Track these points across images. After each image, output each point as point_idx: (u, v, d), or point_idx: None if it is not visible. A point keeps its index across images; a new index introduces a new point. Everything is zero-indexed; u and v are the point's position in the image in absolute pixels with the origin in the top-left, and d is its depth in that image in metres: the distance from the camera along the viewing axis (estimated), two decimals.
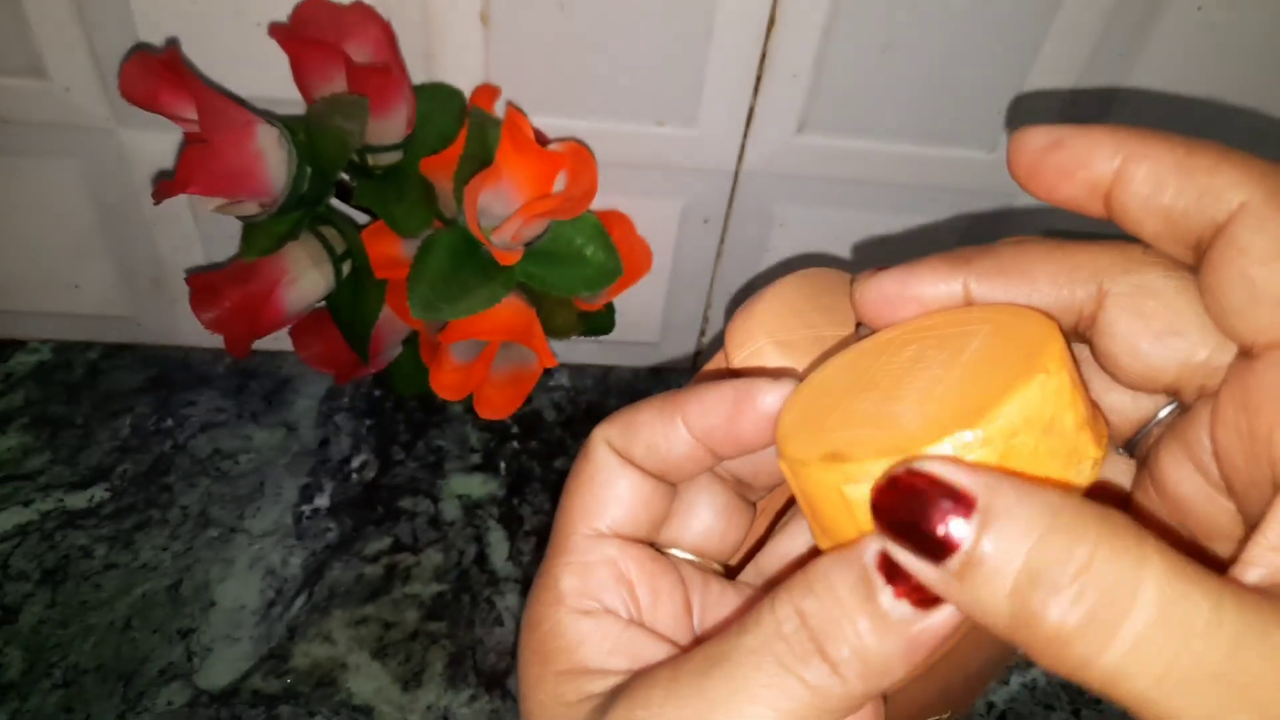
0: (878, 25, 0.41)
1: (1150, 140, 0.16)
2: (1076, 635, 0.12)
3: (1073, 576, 0.12)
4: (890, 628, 0.14)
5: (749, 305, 0.26)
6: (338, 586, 0.43)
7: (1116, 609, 0.12)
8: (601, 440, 0.20)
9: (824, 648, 0.15)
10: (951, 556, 0.13)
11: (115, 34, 0.40)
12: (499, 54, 0.42)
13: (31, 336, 0.52)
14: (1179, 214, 0.15)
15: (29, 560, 0.43)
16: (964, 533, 0.13)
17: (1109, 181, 0.16)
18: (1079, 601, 0.12)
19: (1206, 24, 0.42)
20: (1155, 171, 0.16)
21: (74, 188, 0.45)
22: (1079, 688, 0.44)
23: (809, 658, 0.15)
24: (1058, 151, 0.16)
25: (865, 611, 0.15)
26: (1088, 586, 0.12)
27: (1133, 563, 0.12)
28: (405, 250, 0.44)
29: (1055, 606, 0.12)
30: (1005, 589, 0.13)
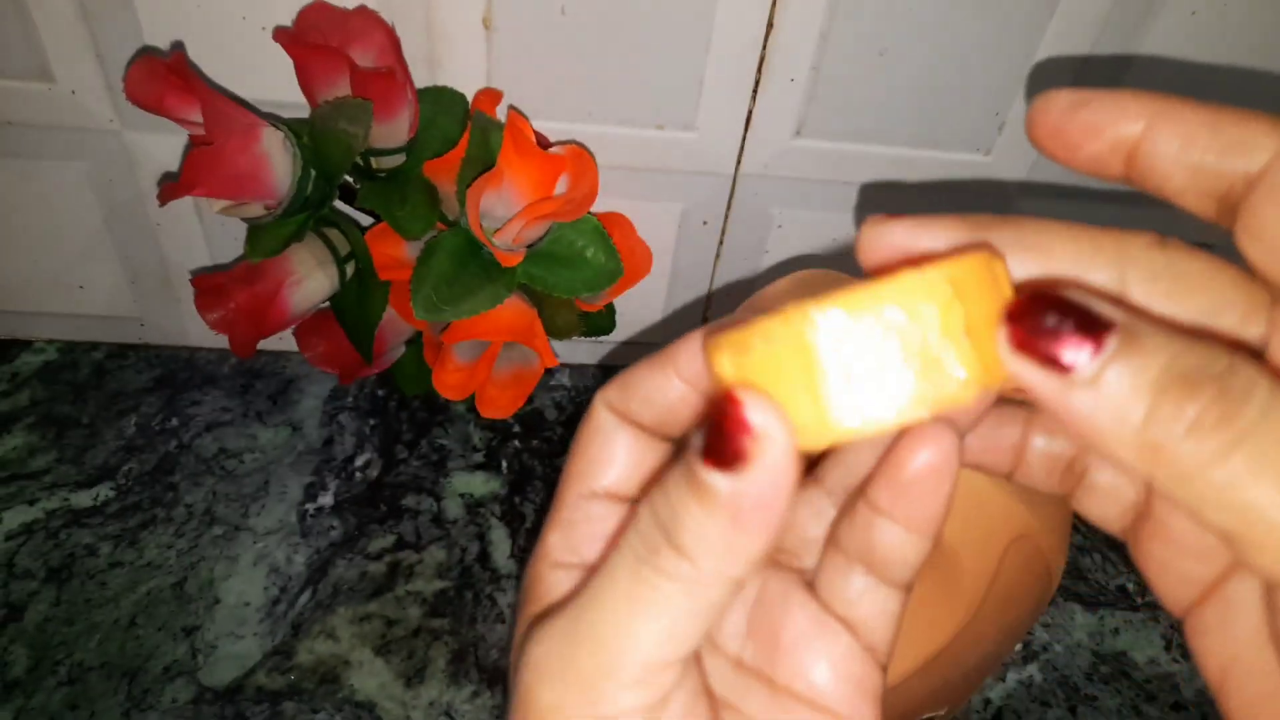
0: (875, 30, 0.42)
1: (1176, 101, 0.16)
2: (1213, 430, 0.12)
3: (1216, 376, 0.13)
4: (712, 498, 0.15)
5: (746, 305, 0.26)
6: (341, 584, 0.44)
7: (1250, 411, 0.12)
8: (601, 402, 0.20)
9: (670, 536, 0.15)
10: (1091, 361, 0.13)
11: (121, 38, 0.40)
12: (501, 58, 0.42)
13: (37, 336, 0.52)
14: (1208, 167, 0.15)
15: (35, 558, 0.43)
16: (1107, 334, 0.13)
17: (1135, 139, 0.16)
18: (1221, 397, 0.13)
19: (1201, 25, 0.42)
20: (1184, 127, 0.16)
21: (80, 190, 0.46)
22: (1074, 684, 0.44)
23: (660, 548, 0.16)
24: (1084, 110, 0.16)
25: (691, 491, 0.15)
26: (1228, 386, 0.13)
27: (1266, 378, 0.13)
28: (408, 252, 0.44)
29: (1195, 404, 0.13)
30: (1145, 387, 0.13)
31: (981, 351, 0.15)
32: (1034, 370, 0.14)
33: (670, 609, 0.16)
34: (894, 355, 0.14)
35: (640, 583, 0.16)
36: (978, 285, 0.15)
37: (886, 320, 0.14)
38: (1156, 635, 0.46)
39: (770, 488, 0.14)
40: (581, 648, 0.16)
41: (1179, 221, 0.18)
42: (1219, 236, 0.16)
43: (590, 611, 0.16)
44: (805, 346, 0.14)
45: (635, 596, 0.16)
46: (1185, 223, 0.19)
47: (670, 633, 0.16)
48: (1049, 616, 0.47)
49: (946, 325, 0.14)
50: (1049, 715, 0.43)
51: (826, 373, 0.14)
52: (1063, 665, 0.45)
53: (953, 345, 0.14)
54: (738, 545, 0.15)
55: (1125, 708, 0.44)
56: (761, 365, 0.15)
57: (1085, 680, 0.44)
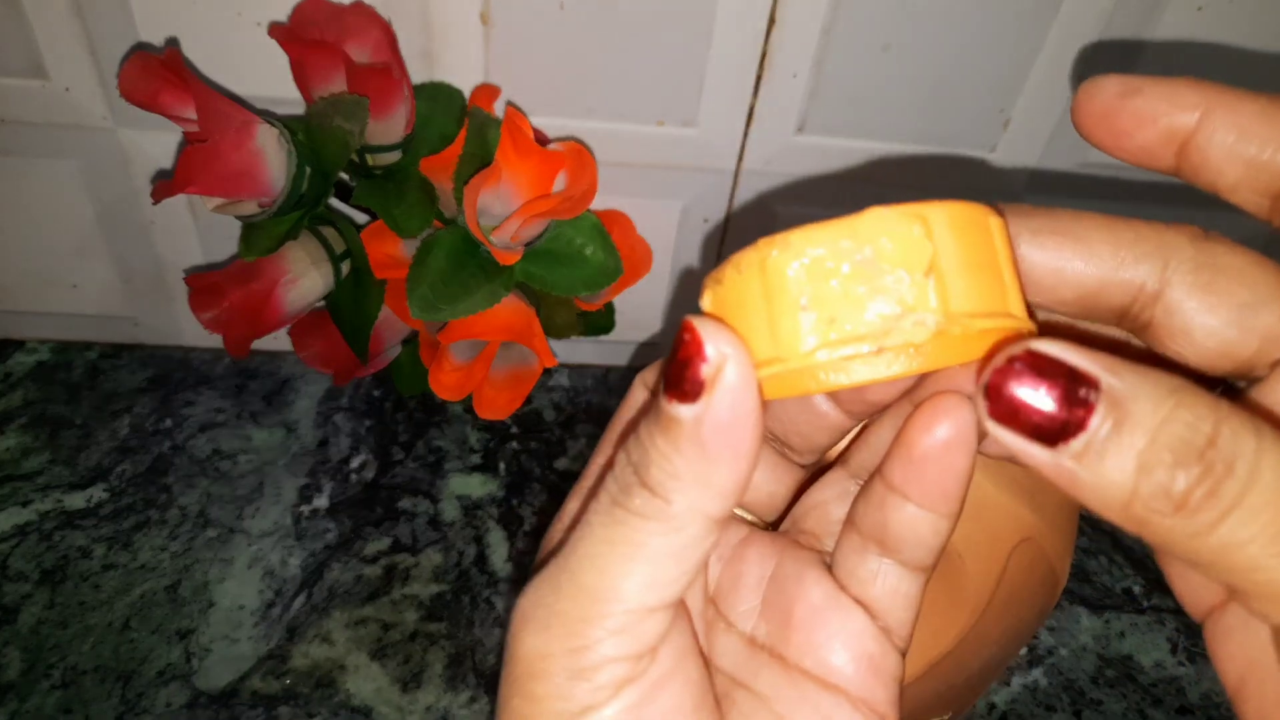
0: (878, 25, 0.41)
1: (1232, 92, 0.16)
2: (1204, 503, 0.13)
3: (1201, 449, 0.13)
4: (676, 430, 0.15)
5: None
6: (337, 587, 0.43)
7: (1241, 474, 0.12)
8: (640, 382, 0.19)
9: (641, 475, 0.15)
10: (1074, 439, 0.13)
11: (115, 34, 0.40)
12: (499, 54, 0.42)
13: (31, 336, 0.52)
14: (1265, 162, 0.15)
15: (28, 561, 0.43)
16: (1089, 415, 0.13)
17: (1189, 130, 0.16)
18: (1206, 475, 0.12)
19: (1207, 22, 0.42)
20: (1240, 120, 0.15)
21: (74, 188, 0.45)
22: (1080, 688, 0.44)
23: (632, 488, 0.16)
24: (1136, 98, 0.16)
25: (657, 426, 0.15)
26: (1216, 458, 0.13)
27: (1253, 436, 0.13)
28: (405, 250, 0.44)
29: (1184, 478, 0.13)
30: (1131, 465, 0.13)
31: (946, 296, 0.14)
32: (1016, 439, 0.14)
33: (648, 551, 0.15)
34: (853, 289, 0.14)
35: (616, 525, 0.16)
36: (957, 231, 0.14)
37: (846, 252, 0.14)
38: (1163, 638, 0.46)
39: (731, 413, 0.14)
40: (563, 594, 0.16)
41: (1190, 221, 0.18)
42: None
43: (572, 559, 0.16)
44: (769, 276, 0.14)
45: (613, 540, 0.16)
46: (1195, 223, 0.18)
47: (651, 577, 0.16)
48: (1054, 620, 0.46)
49: (908, 263, 0.14)
50: (1054, 719, 0.43)
51: (787, 302, 0.14)
52: (1068, 669, 0.44)
53: (913, 286, 0.14)
54: (708, 478, 0.15)
55: (1131, 711, 0.43)
56: (732, 297, 0.15)
57: (1091, 684, 0.44)
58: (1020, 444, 0.14)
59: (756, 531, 0.20)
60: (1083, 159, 0.47)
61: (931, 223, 0.14)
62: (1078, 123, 0.17)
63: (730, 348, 0.14)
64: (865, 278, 0.14)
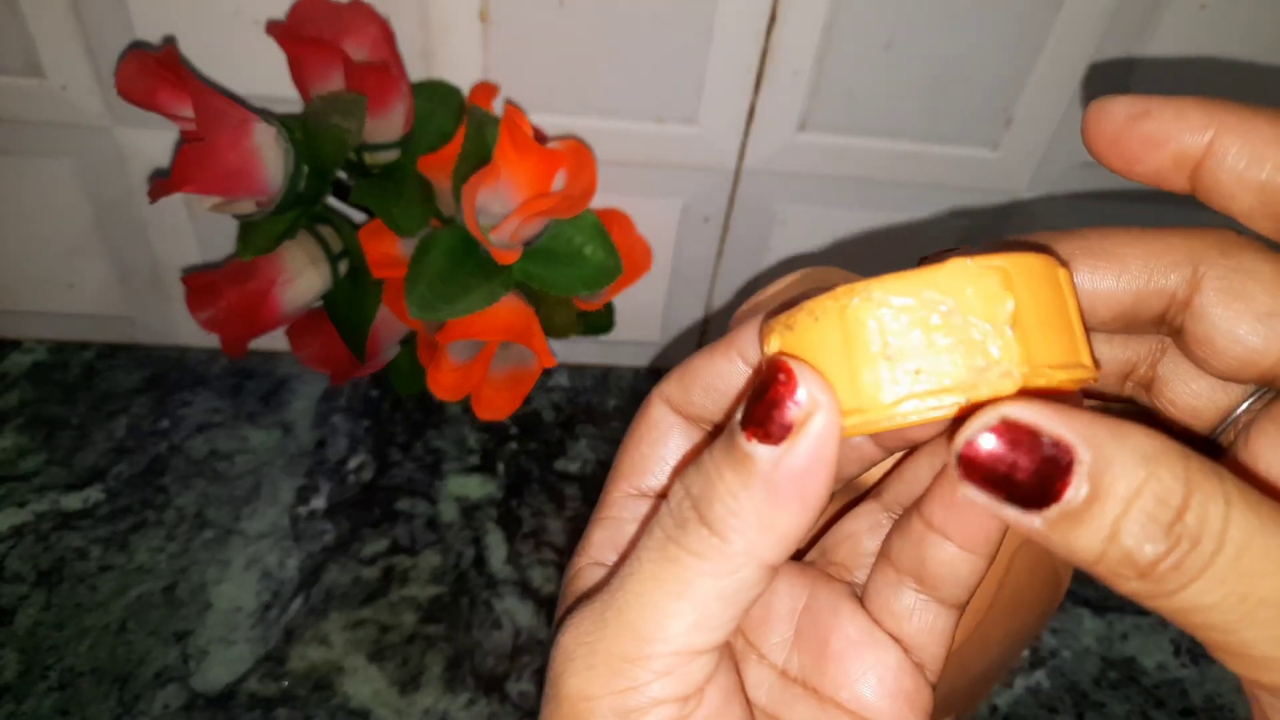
0: (879, 23, 0.41)
1: (1243, 112, 0.15)
2: (1168, 573, 0.13)
3: (1168, 524, 0.13)
4: (750, 469, 0.14)
5: (752, 302, 0.26)
6: (335, 589, 0.43)
7: (1206, 548, 0.13)
8: (658, 398, 0.19)
9: (701, 511, 0.15)
10: (1049, 508, 0.13)
11: (112, 32, 0.40)
12: (498, 51, 0.42)
13: (27, 336, 0.52)
14: (1276, 189, 0.15)
15: (24, 562, 0.42)
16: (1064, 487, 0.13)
17: (1199, 154, 0.16)
18: (1175, 546, 0.13)
19: (1210, 20, 0.42)
20: (1251, 145, 0.15)
21: (70, 186, 0.45)
22: (1083, 690, 0.43)
23: (689, 524, 0.15)
24: (1145, 121, 0.16)
25: (729, 462, 0.15)
26: (1183, 532, 0.13)
27: (1220, 505, 0.13)
28: (403, 249, 0.43)
29: (1151, 549, 0.13)
30: (1103, 534, 0.13)
31: (1029, 348, 0.14)
32: (989, 501, 0.14)
33: (698, 591, 0.15)
34: (937, 340, 0.14)
35: (668, 563, 0.15)
36: (1032, 282, 0.15)
37: (930, 304, 0.14)
38: (1166, 640, 0.46)
39: (812, 462, 0.14)
40: (609, 633, 0.16)
41: (1203, 223, 0.18)
42: None
43: (619, 596, 0.16)
44: (849, 325, 0.14)
45: (662, 577, 0.15)
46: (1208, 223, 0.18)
47: (699, 619, 0.15)
48: (1057, 621, 0.46)
49: (991, 316, 0.14)
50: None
51: (869, 352, 0.14)
52: (1071, 671, 0.44)
53: (998, 338, 0.14)
54: (771, 522, 0.15)
55: (1134, 714, 0.43)
56: (807, 343, 0.15)
57: (1094, 686, 0.44)
58: (991, 505, 0.14)
59: (786, 562, 0.19)
60: (1085, 156, 0.47)
61: (1010, 275, 0.14)
62: (1088, 145, 0.17)
63: (824, 395, 0.14)
64: (950, 330, 0.14)
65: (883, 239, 0.50)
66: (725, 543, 0.15)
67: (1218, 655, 0.14)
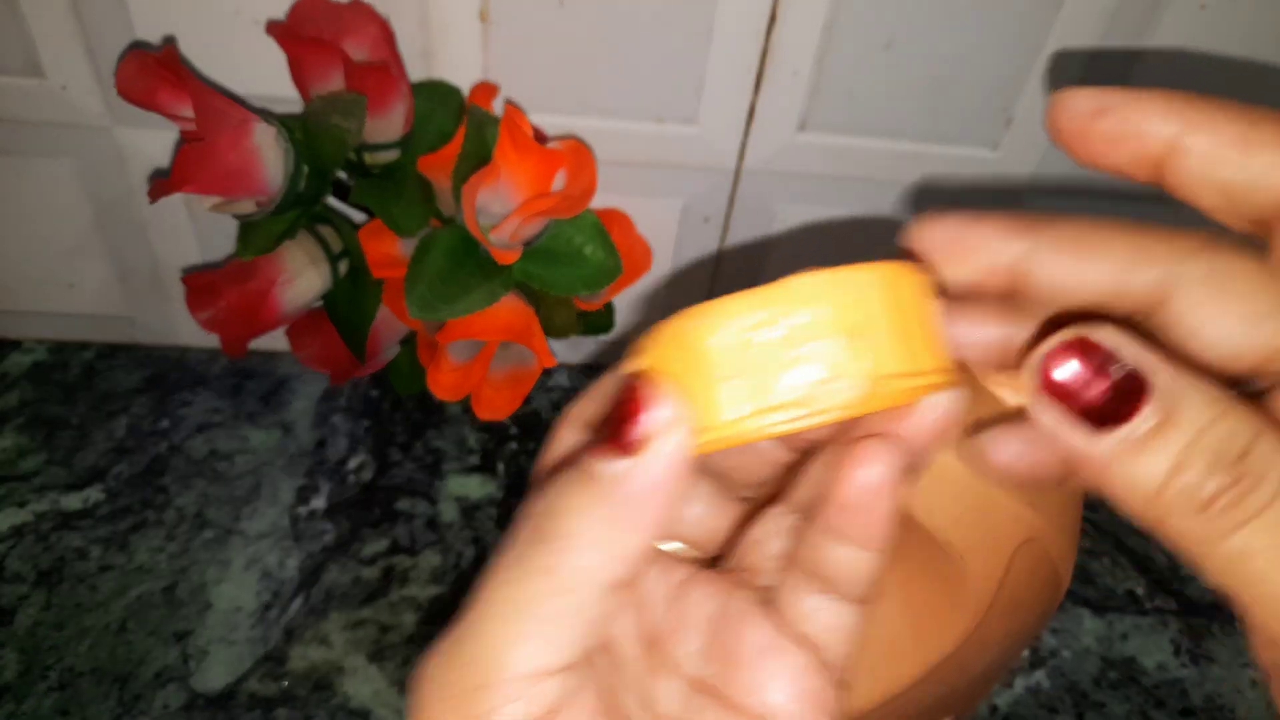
0: (879, 23, 0.41)
1: (1206, 109, 0.15)
2: (1226, 510, 0.13)
3: (1233, 460, 0.13)
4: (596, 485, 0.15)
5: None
6: (335, 589, 0.43)
7: (1267, 490, 0.13)
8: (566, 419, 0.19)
9: (543, 530, 0.16)
10: (1119, 429, 0.13)
11: (112, 32, 0.40)
12: (498, 51, 0.42)
13: (27, 336, 0.52)
14: (1240, 188, 0.15)
15: (24, 562, 0.42)
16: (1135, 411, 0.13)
17: (1162, 152, 0.15)
18: (1235, 483, 0.13)
19: (1210, 20, 0.42)
20: (1214, 145, 0.15)
21: (70, 186, 0.45)
22: (1083, 690, 0.43)
23: (535, 543, 0.16)
24: (1105, 118, 0.16)
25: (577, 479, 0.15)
26: (1244, 472, 0.13)
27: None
28: (403, 249, 0.43)
29: (1213, 483, 0.13)
30: (1168, 463, 0.13)
31: (872, 359, 0.15)
32: (1059, 419, 0.14)
33: (542, 613, 0.15)
34: (779, 356, 0.14)
35: (512, 584, 0.16)
36: (876, 294, 0.15)
37: (772, 321, 0.14)
38: (1166, 640, 0.46)
39: (659, 477, 0.14)
40: (460, 660, 0.16)
41: (1199, 221, 0.17)
42: None
43: (469, 621, 0.16)
44: (695, 346, 0.15)
45: (507, 599, 0.16)
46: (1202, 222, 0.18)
47: (545, 640, 0.15)
48: (1057, 621, 0.46)
49: (833, 330, 0.14)
50: None
51: (714, 372, 0.14)
52: (1071, 671, 0.44)
53: (839, 351, 0.14)
54: (615, 540, 0.15)
55: (1134, 714, 0.43)
56: (660, 364, 0.15)
57: (1094, 686, 0.44)
58: (1060, 425, 0.14)
59: (699, 571, 0.20)
60: None
61: (855, 287, 0.15)
62: (1053, 137, 0.17)
63: (676, 412, 0.14)
64: (791, 345, 0.14)
65: (882, 239, 0.50)
66: (569, 560, 0.15)
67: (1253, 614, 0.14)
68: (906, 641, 0.28)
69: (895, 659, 0.28)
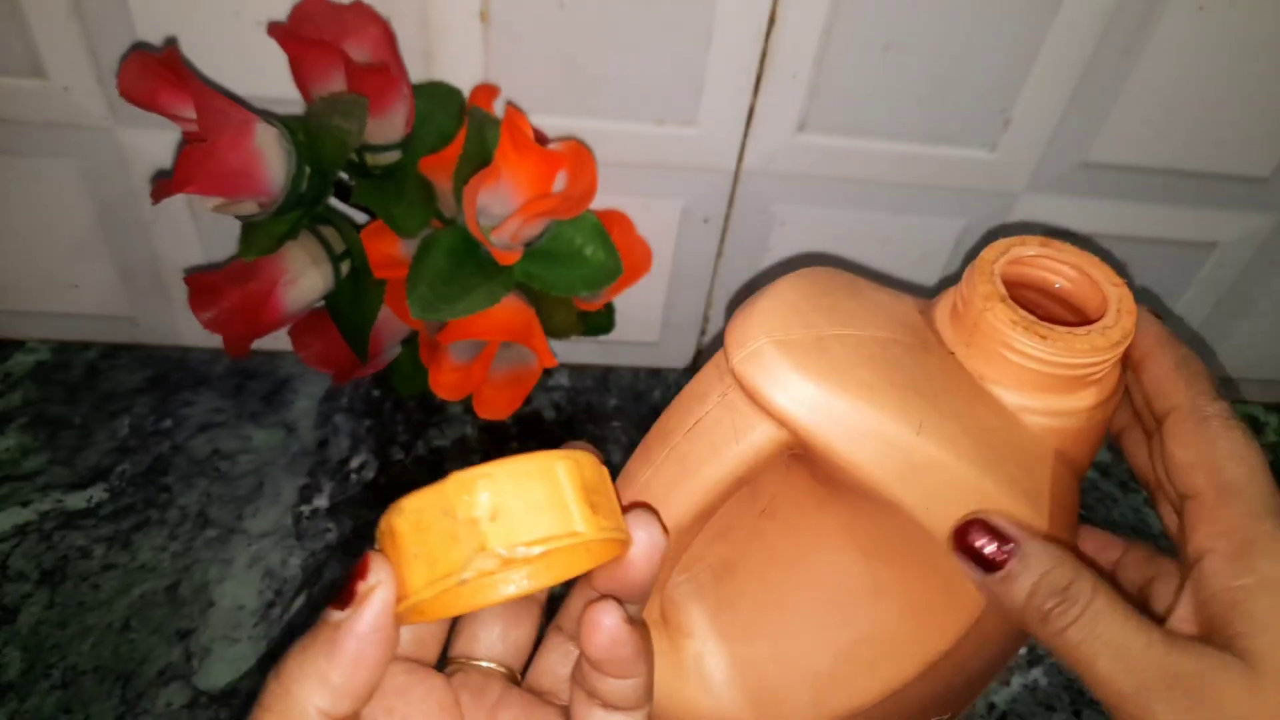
0: (878, 24, 0.41)
1: None
2: (1056, 616, 0.23)
3: (1062, 589, 0.23)
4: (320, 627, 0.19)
5: (749, 305, 0.26)
6: (337, 587, 0.43)
7: (1078, 608, 0.23)
8: None
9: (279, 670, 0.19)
10: (999, 571, 0.23)
11: (114, 33, 0.40)
12: (498, 53, 0.42)
13: (30, 336, 0.52)
14: None
15: (27, 561, 0.43)
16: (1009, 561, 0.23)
17: None
18: (1061, 603, 0.23)
19: (1208, 21, 0.42)
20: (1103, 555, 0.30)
21: (73, 187, 0.45)
22: (1080, 689, 0.44)
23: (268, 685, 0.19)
24: None
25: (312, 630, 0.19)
26: (1066, 597, 0.23)
27: (1090, 587, 0.23)
28: (404, 250, 0.44)
29: (1049, 602, 0.23)
30: (1026, 589, 0.23)
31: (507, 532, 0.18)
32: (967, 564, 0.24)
33: None
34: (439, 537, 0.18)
35: None
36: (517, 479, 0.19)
37: (435, 510, 0.19)
38: None
39: (368, 627, 0.18)
40: None
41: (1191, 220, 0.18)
42: None
43: None
44: (390, 533, 0.19)
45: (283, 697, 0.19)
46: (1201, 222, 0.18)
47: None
48: None
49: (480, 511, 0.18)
50: (1053, 719, 0.43)
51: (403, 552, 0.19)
52: (1068, 669, 0.44)
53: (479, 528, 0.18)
54: (327, 674, 0.18)
55: None
56: (381, 543, 0.20)
57: None
58: (966, 567, 0.24)
59: (507, 690, 0.23)
60: (1083, 158, 0.47)
61: (495, 479, 0.19)
62: None
63: (385, 576, 0.19)
64: (449, 528, 0.18)
65: (881, 240, 0.50)
66: (289, 692, 0.19)
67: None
68: (904, 639, 0.28)
69: (893, 656, 0.28)
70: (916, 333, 0.26)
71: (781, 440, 0.25)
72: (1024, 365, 0.24)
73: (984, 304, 0.24)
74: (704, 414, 0.26)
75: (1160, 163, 0.47)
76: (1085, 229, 0.50)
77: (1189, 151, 0.47)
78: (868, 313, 0.26)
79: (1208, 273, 0.53)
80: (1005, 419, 0.25)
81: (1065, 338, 0.24)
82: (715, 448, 0.25)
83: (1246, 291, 0.54)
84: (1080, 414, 0.25)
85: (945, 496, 0.24)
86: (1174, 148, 0.47)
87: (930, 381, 0.24)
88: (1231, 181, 0.48)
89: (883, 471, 0.24)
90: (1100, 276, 0.25)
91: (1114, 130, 0.46)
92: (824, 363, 0.24)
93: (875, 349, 0.25)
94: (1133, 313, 0.25)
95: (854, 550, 0.28)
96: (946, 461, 0.23)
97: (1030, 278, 0.26)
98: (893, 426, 0.23)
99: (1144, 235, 0.50)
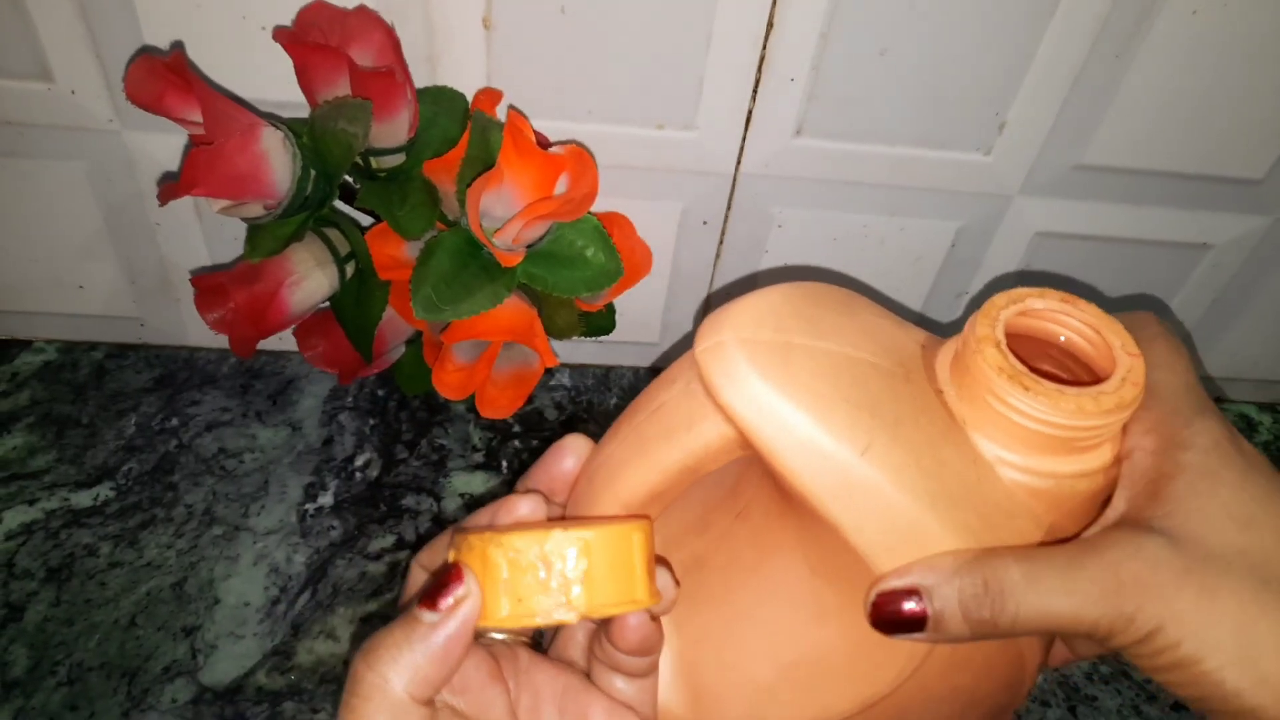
0: (875, 30, 0.42)
1: None
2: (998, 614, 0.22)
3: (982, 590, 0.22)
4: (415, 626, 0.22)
5: (732, 301, 0.26)
6: (341, 584, 0.44)
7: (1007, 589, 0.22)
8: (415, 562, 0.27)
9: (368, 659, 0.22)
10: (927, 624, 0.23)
11: (120, 37, 0.40)
12: (501, 58, 0.42)
13: (37, 336, 0.52)
14: None
15: (34, 558, 0.43)
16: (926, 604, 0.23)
17: None
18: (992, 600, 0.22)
19: (1201, 25, 0.42)
20: None
21: (80, 189, 0.46)
22: (1074, 684, 0.44)
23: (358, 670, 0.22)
24: None
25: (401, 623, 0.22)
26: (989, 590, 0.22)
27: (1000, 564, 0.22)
28: (408, 252, 0.44)
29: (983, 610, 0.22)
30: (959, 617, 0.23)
31: (592, 592, 0.22)
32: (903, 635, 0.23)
33: None
34: (534, 582, 0.22)
35: (345, 711, 0.22)
36: (606, 546, 0.23)
37: (536, 556, 0.22)
38: None
39: (457, 630, 0.22)
40: None
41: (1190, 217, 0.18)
42: None
43: None
44: (490, 559, 0.23)
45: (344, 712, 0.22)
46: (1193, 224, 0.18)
47: None
48: None
49: (570, 570, 0.22)
50: (1049, 715, 0.43)
51: (498, 579, 0.23)
52: (1063, 665, 0.45)
53: (572, 586, 0.22)
54: (420, 664, 0.22)
55: (1125, 708, 0.43)
56: (467, 561, 0.23)
57: (1085, 680, 0.44)
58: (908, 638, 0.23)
59: (534, 658, 0.26)
60: (1077, 161, 0.47)
61: (589, 543, 0.22)
62: None
63: (474, 589, 0.22)
64: (542, 579, 0.22)
65: (878, 242, 0.50)
66: (387, 682, 0.21)
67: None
68: (843, 671, 0.27)
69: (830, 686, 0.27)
70: (902, 362, 0.25)
71: (730, 436, 0.24)
72: (1006, 415, 0.23)
73: (977, 346, 0.24)
74: (667, 399, 0.26)
75: (1154, 165, 0.48)
76: (1079, 231, 0.50)
77: (1182, 154, 0.47)
78: (852, 332, 0.25)
79: (1202, 274, 0.53)
80: (977, 466, 0.24)
81: (1052, 394, 0.22)
82: (670, 432, 0.25)
83: (1240, 293, 0.54)
84: (1061, 479, 0.24)
85: (880, 524, 0.23)
86: (1167, 150, 0.47)
87: (895, 408, 0.24)
88: (1225, 184, 0.49)
89: (818, 486, 0.23)
90: (1117, 343, 0.24)
91: (1108, 133, 0.46)
92: (782, 368, 0.23)
93: (844, 365, 0.24)
94: (1139, 385, 0.23)
95: (803, 566, 0.27)
96: (884, 489, 0.23)
97: (1041, 331, 0.25)
98: (834, 443, 0.23)
99: (1138, 237, 0.51)
